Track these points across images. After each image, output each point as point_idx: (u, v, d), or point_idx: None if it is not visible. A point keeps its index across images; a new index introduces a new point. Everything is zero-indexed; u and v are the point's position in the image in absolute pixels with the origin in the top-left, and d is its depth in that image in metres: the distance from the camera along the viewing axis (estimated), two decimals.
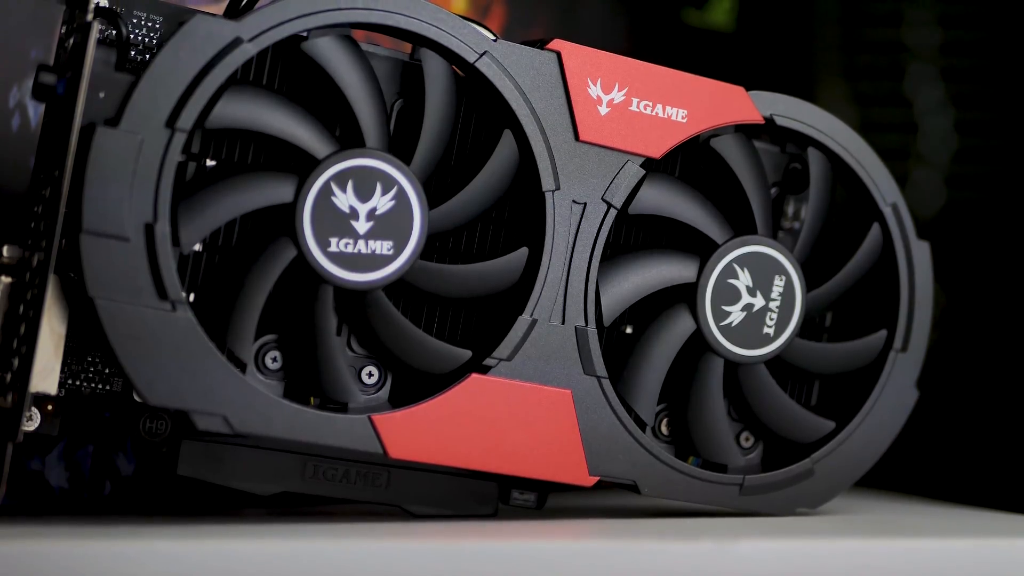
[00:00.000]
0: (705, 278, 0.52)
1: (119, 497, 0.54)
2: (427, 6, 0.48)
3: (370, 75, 0.47)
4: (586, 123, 0.50)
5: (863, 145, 0.55)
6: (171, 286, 0.44)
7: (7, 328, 0.45)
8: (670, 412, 0.53)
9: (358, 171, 0.46)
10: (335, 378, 0.47)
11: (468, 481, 0.50)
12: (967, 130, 0.71)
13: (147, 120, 0.44)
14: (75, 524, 0.47)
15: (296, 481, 0.48)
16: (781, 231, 0.56)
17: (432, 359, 0.48)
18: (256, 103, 0.46)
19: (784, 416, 0.54)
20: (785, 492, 0.54)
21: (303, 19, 0.46)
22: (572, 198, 0.50)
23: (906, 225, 0.55)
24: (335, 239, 0.46)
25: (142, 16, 0.47)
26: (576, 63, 0.50)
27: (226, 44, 0.45)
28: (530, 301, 0.49)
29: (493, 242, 0.50)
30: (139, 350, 0.44)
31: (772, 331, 0.53)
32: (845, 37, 0.74)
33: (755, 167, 0.53)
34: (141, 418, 0.47)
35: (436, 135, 0.48)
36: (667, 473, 0.52)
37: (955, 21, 0.71)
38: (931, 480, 0.67)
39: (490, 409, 0.49)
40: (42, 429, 0.46)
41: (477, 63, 0.48)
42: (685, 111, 0.51)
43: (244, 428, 0.45)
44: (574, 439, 0.50)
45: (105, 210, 0.43)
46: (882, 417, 0.55)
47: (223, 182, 0.46)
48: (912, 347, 0.55)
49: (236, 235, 0.47)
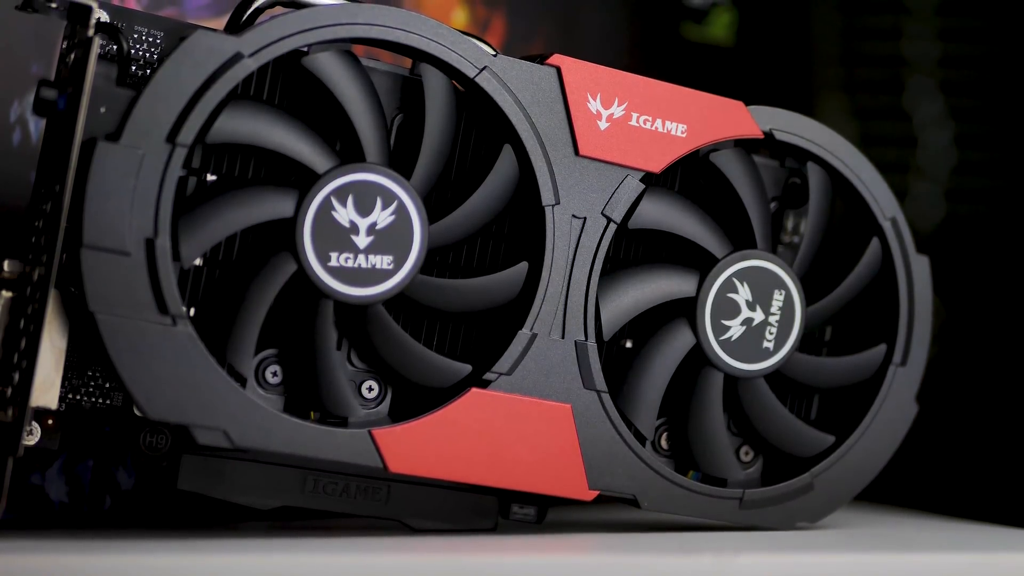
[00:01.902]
0: (705, 292, 0.52)
1: (119, 511, 0.54)
2: (427, 21, 0.48)
3: (370, 90, 0.47)
4: (586, 138, 0.50)
5: (862, 160, 0.55)
6: (171, 300, 0.44)
7: (8, 342, 0.45)
8: (670, 426, 0.53)
9: (358, 186, 0.47)
10: (335, 392, 0.47)
11: (468, 495, 0.50)
12: (966, 144, 0.71)
13: (148, 135, 0.44)
14: (75, 538, 0.47)
15: (296, 495, 0.48)
16: (781, 245, 0.56)
17: (432, 373, 0.48)
18: (257, 118, 0.46)
19: (784, 430, 0.54)
20: (785, 506, 0.54)
21: (303, 34, 0.46)
22: (572, 213, 0.50)
23: (905, 239, 0.55)
24: (335, 254, 0.46)
25: (143, 31, 0.47)
26: (576, 78, 0.50)
27: (227, 59, 0.45)
28: (530, 315, 0.49)
29: (493, 257, 0.50)
30: (139, 364, 0.44)
31: (772, 345, 0.53)
32: (844, 51, 0.74)
33: (754, 182, 0.53)
34: (141, 432, 0.47)
35: (436, 150, 0.48)
36: (667, 487, 0.52)
37: (954, 35, 0.71)
38: (931, 494, 0.67)
39: (490, 423, 0.49)
40: (42, 443, 0.46)
41: (477, 78, 0.48)
42: (685, 126, 0.51)
43: (244, 442, 0.45)
44: (574, 453, 0.50)
45: (106, 225, 0.43)
46: (882, 431, 0.55)
47: (224, 197, 0.46)
48: (911, 361, 0.55)
49: (236, 250, 0.47)
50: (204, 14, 0.56)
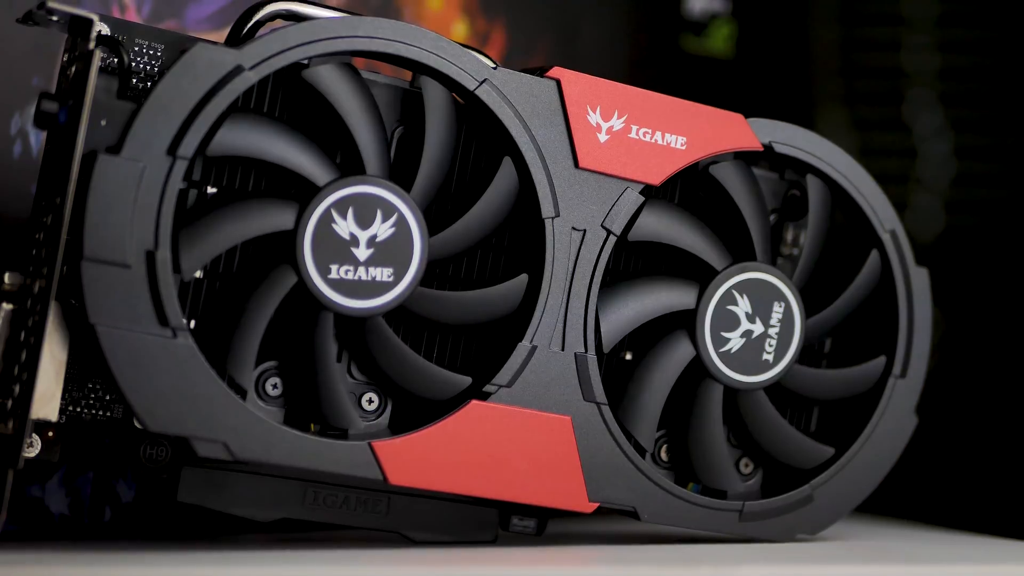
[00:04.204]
0: (704, 304, 0.52)
1: (119, 524, 0.54)
2: (427, 34, 0.48)
3: (371, 103, 0.47)
4: (585, 150, 0.50)
5: (862, 172, 0.55)
6: (172, 313, 0.44)
7: (8, 355, 0.45)
8: (670, 438, 0.53)
9: (358, 198, 0.47)
10: (335, 404, 0.47)
11: (468, 507, 0.50)
12: (966, 155, 0.71)
13: (149, 148, 0.44)
14: (75, 550, 0.47)
15: (296, 507, 0.48)
16: (780, 257, 0.56)
17: (432, 386, 0.48)
18: (257, 131, 0.46)
19: (783, 442, 0.54)
20: (785, 518, 0.54)
21: (304, 47, 0.46)
22: (572, 225, 0.50)
23: (904, 252, 0.55)
24: (335, 266, 0.46)
25: (144, 44, 0.47)
26: (575, 91, 0.50)
27: (227, 72, 0.45)
28: (530, 327, 0.49)
29: (493, 269, 0.50)
30: (140, 377, 0.44)
31: (771, 357, 0.53)
32: (844, 63, 0.74)
33: (754, 194, 0.53)
34: (141, 445, 0.47)
35: (436, 162, 0.48)
36: (667, 499, 0.52)
37: (954, 47, 0.71)
38: (931, 506, 0.67)
39: (490, 435, 0.49)
40: (43, 455, 0.46)
41: (477, 91, 0.48)
42: (684, 138, 0.51)
43: (244, 455, 0.45)
44: (574, 465, 0.50)
45: (106, 237, 0.43)
46: (881, 443, 0.55)
47: (224, 209, 0.46)
48: (911, 373, 0.55)
49: (237, 262, 0.47)
50: (205, 27, 0.56)
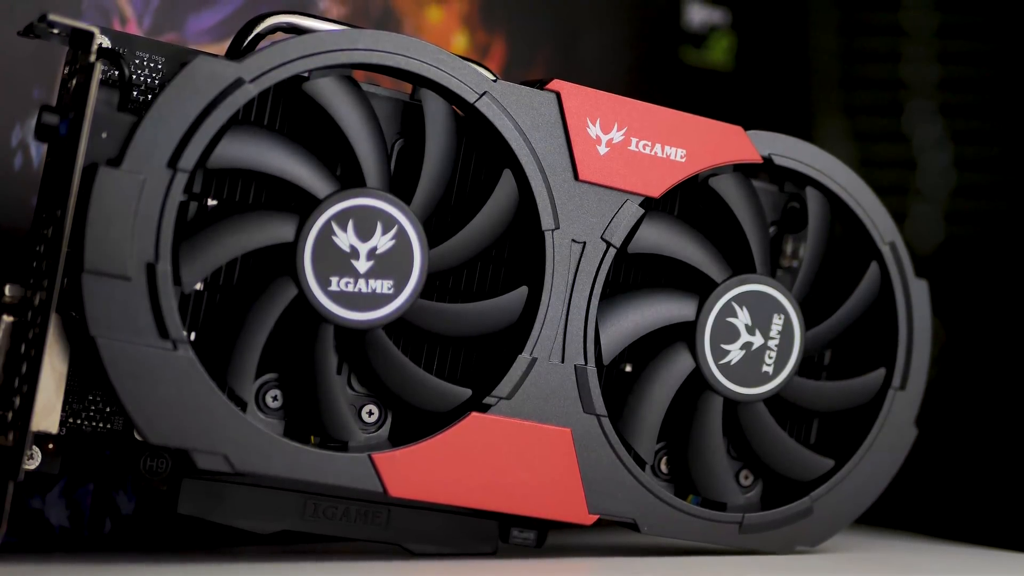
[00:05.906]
0: (704, 317, 0.52)
1: (119, 535, 0.54)
2: (427, 47, 0.48)
3: (371, 115, 0.47)
4: (585, 163, 0.50)
5: (861, 184, 0.55)
6: (172, 325, 0.44)
7: (9, 367, 0.45)
8: (669, 450, 0.53)
9: (359, 210, 0.47)
10: (335, 417, 0.47)
11: (468, 519, 0.50)
12: (965, 166, 0.71)
13: (149, 160, 0.44)
14: (75, 562, 0.47)
15: (296, 520, 0.48)
16: (780, 270, 0.56)
17: (432, 398, 0.48)
18: (257, 143, 0.46)
19: (783, 454, 0.54)
20: (784, 530, 0.54)
21: (304, 60, 0.46)
22: (571, 237, 0.50)
23: (904, 264, 0.55)
24: (336, 278, 0.46)
25: (144, 57, 0.47)
26: (575, 103, 0.50)
27: (228, 85, 0.45)
28: (530, 340, 0.49)
29: (493, 281, 0.50)
30: (140, 389, 0.44)
31: (771, 369, 0.53)
32: (844, 74, 0.74)
33: (754, 206, 0.53)
34: (142, 457, 0.47)
35: (436, 175, 0.48)
36: (667, 511, 0.52)
37: (953, 57, 0.71)
38: (931, 518, 0.67)
39: (490, 448, 0.49)
40: (43, 467, 0.46)
41: (477, 103, 0.49)
42: (684, 151, 0.52)
43: (245, 467, 0.45)
44: (574, 477, 0.50)
45: (107, 250, 0.43)
46: (881, 455, 0.55)
47: (224, 222, 0.46)
48: (911, 385, 0.55)
49: (237, 274, 0.47)
50: (205, 40, 0.56)
